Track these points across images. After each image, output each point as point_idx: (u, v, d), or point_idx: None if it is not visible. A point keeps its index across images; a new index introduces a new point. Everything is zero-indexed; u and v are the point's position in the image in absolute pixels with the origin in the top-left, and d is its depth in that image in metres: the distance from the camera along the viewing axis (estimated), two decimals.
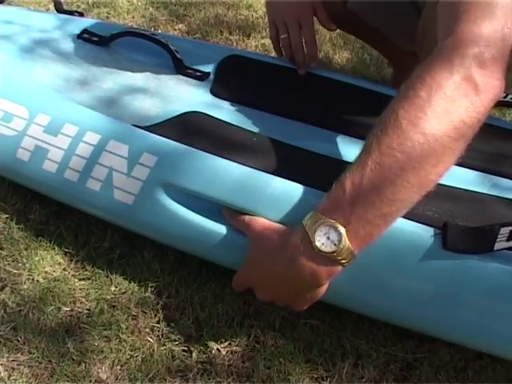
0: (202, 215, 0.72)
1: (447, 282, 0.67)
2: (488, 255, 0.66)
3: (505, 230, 0.64)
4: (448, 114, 0.57)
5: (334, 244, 0.58)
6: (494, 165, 0.78)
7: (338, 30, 1.14)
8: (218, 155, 0.74)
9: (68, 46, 0.98)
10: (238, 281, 0.70)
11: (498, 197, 0.73)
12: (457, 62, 0.58)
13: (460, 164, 0.76)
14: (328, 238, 0.58)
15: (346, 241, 0.58)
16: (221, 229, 0.71)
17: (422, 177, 0.59)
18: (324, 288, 0.64)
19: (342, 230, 0.58)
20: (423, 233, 0.67)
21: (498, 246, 0.65)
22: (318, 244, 0.59)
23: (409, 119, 0.57)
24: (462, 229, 0.66)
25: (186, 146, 0.75)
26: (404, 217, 0.67)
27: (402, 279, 0.69)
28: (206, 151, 0.74)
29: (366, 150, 0.59)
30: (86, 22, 1.04)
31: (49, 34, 0.99)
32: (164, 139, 0.76)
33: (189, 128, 0.81)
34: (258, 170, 0.73)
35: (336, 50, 1.38)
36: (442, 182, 0.74)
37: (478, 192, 0.74)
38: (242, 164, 0.73)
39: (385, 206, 0.58)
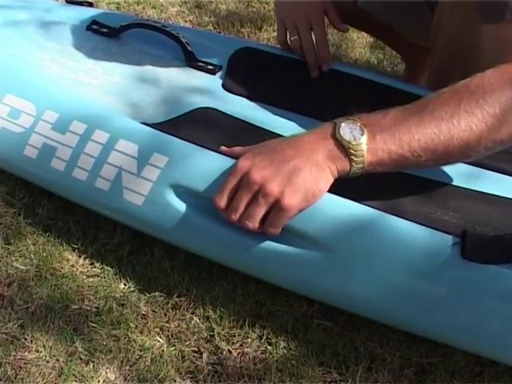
0: (213, 218, 0.70)
1: (466, 292, 0.65)
2: (508, 266, 0.63)
3: None
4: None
5: (354, 138, 0.62)
6: None
7: None
8: (230, 156, 0.72)
9: (77, 37, 0.96)
10: (239, 151, 0.69)
11: None
12: None
13: (480, 166, 0.75)
14: (351, 131, 0.63)
15: (364, 143, 0.62)
16: (231, 232, 0.69)
17: (448, 153, 0.63)
18: (320, 192, 0.63)
19: (366, 135, 0.62)
20: (441, 241, 0.65)
21: None
22: (340, 129, 0.63)
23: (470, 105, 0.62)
24: (482, 238, 0.64)
25: (197, 146, 0.73)
26: (421, 223, 0.66)
27: (418, 288, 0.67)
28: (217, 151, 0.72)
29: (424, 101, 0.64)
30: (95, 13, 1.02)
31: (57, 25, 0.98)
32: (175, 139, 0.74)
33: (200, 125, 0.79)
34: None
35: (349, 44, 1.36)
36: (460, 184, 0.73)
37: (498, 195, 0.72)
38: None
39: (409, 151, 0.62)
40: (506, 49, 0.67)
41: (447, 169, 0.74)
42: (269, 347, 0.72)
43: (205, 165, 0.71)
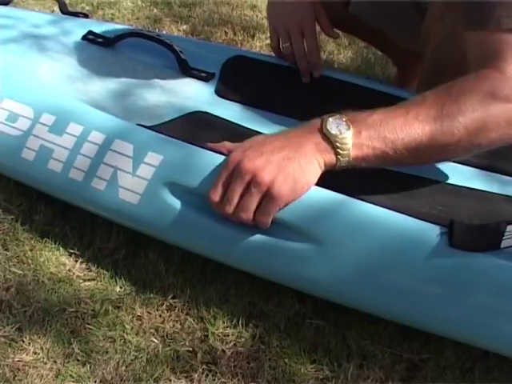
0: (208, 214, 0.71)
1: (454, 280, 0.66)
2: (494, 253, 0.65)
3: (511, 228, 0.64)
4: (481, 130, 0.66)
5: (340, 132, 0.65)
6: (499, 162, 0.77)
7: None
8: (223, 154, 0.74)
9: (73, 47, 0.98)
10: (229, 146, 0.71)
11: (505, 195, 0.73)
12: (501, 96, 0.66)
13: (465, 162, 0.77)
14: (337, 126, 0.65)
15: (350, 137, 0.65)
16: (226, 228, 0.71)
17: (429, 153, 0.67)
18: (307, 184, 0.66)
19: (352, 130, 0.65)
20: (429, 231, 0.66)
21: (504, 243, 0.64)
22: (327, 124, 0.66)
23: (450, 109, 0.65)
24: (469, 226, 0.66)
25: (190, 145, 0.75)
26: (409, 215, 0.68)
27: (408, 277, 0.68)
28: (210, 149, 0.73)
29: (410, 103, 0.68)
30: (90, 24, 1.04)
31: (53, 36, 1.00)
32: (169, 138, 0.76)
33: (193, 127, 0.81)
34: None
35: (340, 49, 1.38)
36: (448, 180, 0.75)
37: (483, 190, 0.73)
38: None
39: (392, 149, 0.65)
40: (490, 55, 0.69)
41: (436, 166, 0.76)
42: (262, 346, 0.74)
43: (199, 162, 0.73)
